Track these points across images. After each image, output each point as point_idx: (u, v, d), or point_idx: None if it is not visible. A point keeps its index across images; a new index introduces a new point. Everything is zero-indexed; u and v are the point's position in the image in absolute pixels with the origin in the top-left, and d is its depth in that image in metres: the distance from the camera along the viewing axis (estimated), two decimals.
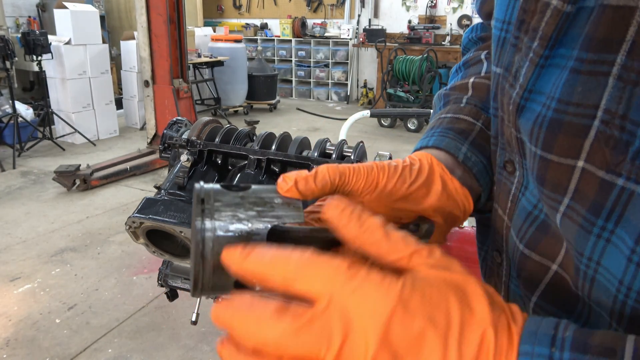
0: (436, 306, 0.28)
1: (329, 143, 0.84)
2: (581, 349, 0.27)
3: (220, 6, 10.11)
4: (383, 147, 5.87)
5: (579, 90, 0.32)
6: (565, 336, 0.28)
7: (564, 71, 0.33)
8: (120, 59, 6.88)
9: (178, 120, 0.84)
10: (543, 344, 0.27)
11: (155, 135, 5.20)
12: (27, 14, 7.57)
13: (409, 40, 8.27)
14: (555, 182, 0.35)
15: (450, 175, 0.46)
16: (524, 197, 0.41)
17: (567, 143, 0.33)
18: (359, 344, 0.27)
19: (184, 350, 2.35)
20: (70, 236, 3.52)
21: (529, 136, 0.37)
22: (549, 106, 0.34)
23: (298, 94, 9.54)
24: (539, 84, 0.36)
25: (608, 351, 0.26)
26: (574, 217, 0.34)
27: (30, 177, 4.70)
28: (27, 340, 2.41)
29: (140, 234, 0.67)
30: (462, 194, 0.46)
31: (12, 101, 5.06)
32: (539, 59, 0.35)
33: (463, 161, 0.49)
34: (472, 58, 0.63)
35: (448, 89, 0.60)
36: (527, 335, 0.28)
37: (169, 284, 0.79)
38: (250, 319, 0.29)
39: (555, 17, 0.33)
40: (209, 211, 0.33)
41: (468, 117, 0.53)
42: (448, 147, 0.50)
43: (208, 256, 0.32)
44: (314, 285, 0.29)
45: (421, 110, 2.69)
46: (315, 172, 0.36)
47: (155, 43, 4.92)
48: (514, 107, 0.38)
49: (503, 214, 0.44)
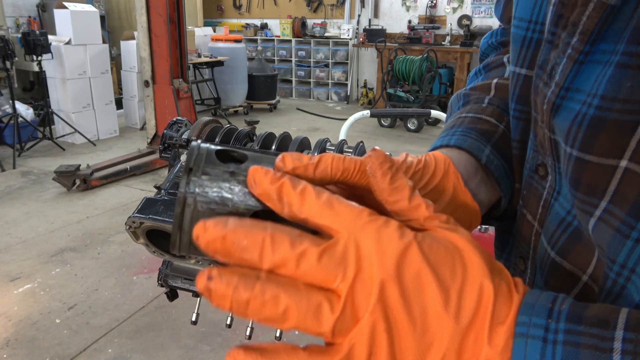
0: (443, 260, 0.29)
1: (329, 143, 0.84)
2: (576, 319, 0.27)
3: (220, 6, 10.11)
4: (383, 147, 5.86)
5: (627, 86, 0.30)
6: (562, 309, 0.28)
7: (608, 67, 0.31)
8: (120, 59, 6.88)
9: (178, 120, 0.84)
10: (540, 315, 0.28)
11: (155, 135, 5.20)
12: (27, 14, 7.57)
13: (409, 40, 8.27)
14: (592, 184, 0.33)
15: (464, 188, 0.45)
16: (557, 202, 0.39)
17: (610, 142, 0.31)
18: (370, 277, 0.28)
19: (184, 350, 2.35)
20: (70, 236, 3.52)
21: (564, 137, 0.35)
22: (590, 104, 0.32)
23: (298, 94, 9.54)
24: (577, 81, 0.34)
25: (602, 322, 0.27)
26: (611, 221, 0.32)
27: (30, 177, 4.70)
28: (27, 340, 2.41)
29: (140, 234, 0.67)
30: (472, 208, 0.45)
31: (12, 101, 5.06)
32: (578, 55, 0.33)
33: (486, 164, 0.47)
34: (493, 61, 0.61)
35: (468, 89, 0.58)
36: (525, 307, 0.29)
37: (169, 284, 0.79)
38: (274, 238, 0.29)
39: (598, 11, 0.31)
40: (193, 184, 0.33)
41: (491, 119, 0.52)
42: (471, 147, 0.48)
43: (185, 229, 0.33)
44: (337, 221, 0.30)
45: (421, 110, 2.69)
46: (318, 162, 0.34)
47: (155, 43, 4.92)
48: (549, 106, 0.36)
49: (533, 220, 0.43)
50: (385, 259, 0.29)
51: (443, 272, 0.29)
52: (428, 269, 0.29)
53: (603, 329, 0.26)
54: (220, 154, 0.35)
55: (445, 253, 0.30)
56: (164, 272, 0.79)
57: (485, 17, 7.95)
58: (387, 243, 0.29)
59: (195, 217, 0.33)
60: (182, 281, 0.79)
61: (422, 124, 6.92)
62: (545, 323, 0.28)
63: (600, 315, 0.27)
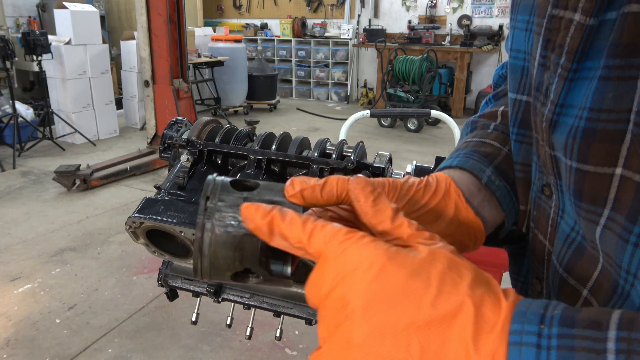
0: (416, 271, 0.30)
1: (329, 143, 0.84)
2: (569, 323, 0.27)
3: (220, 6, 10.11)
4: (383, 147, 5.87)
5: (610, 97, 0.32)
6: (554, 314, 0.28)
7: (593, 81, 0.34)
8: (120, 59, 6.88)
9: (178, 120, 0.83)
10: (532, 322, 0.28)
11: (155, 135, 5.20)
12: (27, 14, 7.57)
13: (409, 40, 8.27)
14: (593, 194, 0.34)
15: (465, 204, 0.46)
16: (563, 220, 0.41)
17: (603, 151, 0.33)
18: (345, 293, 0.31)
19: (184, 350, 2.35)
20: (70, 236, 3.52)
21: (563, 150, 0.37)
22: (581, 117, 0.34)
23: (298, 94, 9.54)
24: (569, 97, 0.36)
25: (594, 324, 0.27)
26: (614, 228, 0.33)
27: (30, 177, 4.70)
28: (27, 340, 2.41)
29: (140, 234, 0.67)
30: (475, 224, 0.46)
31: (12, 101, 5.06)
32: (567, 73, 0.36)
33: (486, 184, 0.49)
34: (502, 90, 0.64)
35: (477, 117, 0.60)
36: (517, 315, 0.29)
37: (169, 284, 0.79)
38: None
39: (579, 31, 0.34)
40: (210, 210, 0.37)
41: (495, 142, 0.54)
42: (472, 168, 0.50)
43: (205, 252, 0.36)
44: (317, 246, 0.33)
45: (421, 110, 2.68)
46: (324, 183, 0.37)
47: (155, 43, 4.92)
48: (547, 123, 0.38)
49: (544, 239, 0.44)
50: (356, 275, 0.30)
51: (414, 282, 0.30)
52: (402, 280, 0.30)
53: (596, 330, 0.26)
54: (235, 184, 0.39)
55: (420, 265, 0.31)
56: (164, 272, 0.79)
57: (485, 17, 7.95)
58: (357, 260, 0.31)
59: (213, 240, 0.36)
60: (182, 281, 0.79)
61: (422, 124, 6.92)
62: (537, 329, 0.28)
63: (593, 317, 0.27)
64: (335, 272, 0.31)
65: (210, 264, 0.36)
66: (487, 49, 7.53)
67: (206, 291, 0.75)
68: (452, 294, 0.29)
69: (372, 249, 0.31)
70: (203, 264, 0.36)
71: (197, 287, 0.77)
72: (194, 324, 0.80)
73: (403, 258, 0.31)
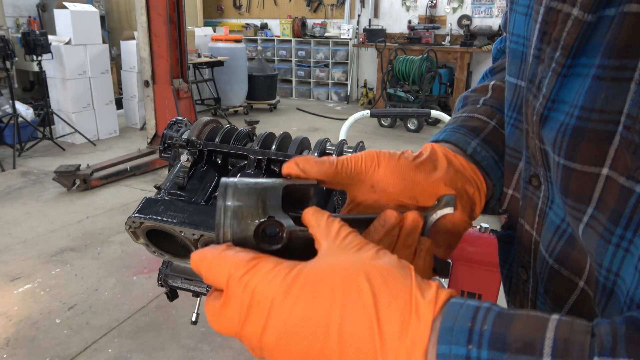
0: (318, 295, 0.31)
1: (329, 143, 0.84)
2: (499, 346, 0.26)
3: (220, 6, 10.10)
4: (383, 147, 5.85)
5: (602, 97, 0.32)
6: (484, 330, 0.27)
7: (587, 79, 0.33)
8: (120, 59, 6.88)
9: (178, 120, 0.84)
10: (460, 341, 0.27)
11: (155, 135, 5.19)
12: (27, 14, 7.57)
13: (409, 40, 8.27)
14: (579, 191, 0.35)
15: (453, 153, 0.48)
16: (551, 211, 0.41)
17: (591, 151, 0.33)
18: (254, 322, 0.32)
19: (184, 350, 2.35)
20: (70, 236, 3.52)
21: (552, 146, 0.37)
22: (572, 114, 0.34)
23: (298, 94, 9.54)
24: (562, 93, 0.36)
25: (527, 346, 0.26)
26: (596, 227, 0.33)
27: (30, 177, 4.70)
28: (27, 340, 2.41)
29: (140, 234, 0.67)
30: (470, 169, 0.48)
31: (12, 101, 5.06)
32: (561, 68, 0.36)
33: (472, 154, 0.50)
34: (498, 65, 0.64)
35: (470, 91, 0.61)
36: (444, 332, 0.28)
37: (169, 284, 0.79)
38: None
39: (576, 27, 0.34)
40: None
41: (482, 116, 0.54)
42: (457, 141, 0.51)
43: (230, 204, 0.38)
44: (221, 278, 0.34)
45: (421, 110, 2.68)
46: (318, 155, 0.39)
47: (155, 43, 4.92)
48: (537, 117, 0.38)
49: (531, 229, 0.44)
50: (260, 306, 0.31)
51: (318, 309, 0.30)
52: (301, 312, 0.30)
53: (529, 356, 0.26)
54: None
55: (323, 285, 0.31)
56: (164, 272, 0.79)
57: (485, 17, 7.94)
58: (260, 289, 0.32)
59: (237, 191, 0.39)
60: (182, 281, 0.79)
61: (422, 124, 6.92)
62: (465, 352, 0.27)
63: (526, 335, 0.26)
64: (240, 309, 0.32)
65: (234, 213, 0.37)
66: (487, 49, 7.53)
67: (206, 291, 0.75)
68: (358, 318, 0.30)
69: (270, 279, 0.32)
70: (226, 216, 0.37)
71: (197, 287, 0.77)
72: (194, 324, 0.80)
73: (298, 290, 0.31)
